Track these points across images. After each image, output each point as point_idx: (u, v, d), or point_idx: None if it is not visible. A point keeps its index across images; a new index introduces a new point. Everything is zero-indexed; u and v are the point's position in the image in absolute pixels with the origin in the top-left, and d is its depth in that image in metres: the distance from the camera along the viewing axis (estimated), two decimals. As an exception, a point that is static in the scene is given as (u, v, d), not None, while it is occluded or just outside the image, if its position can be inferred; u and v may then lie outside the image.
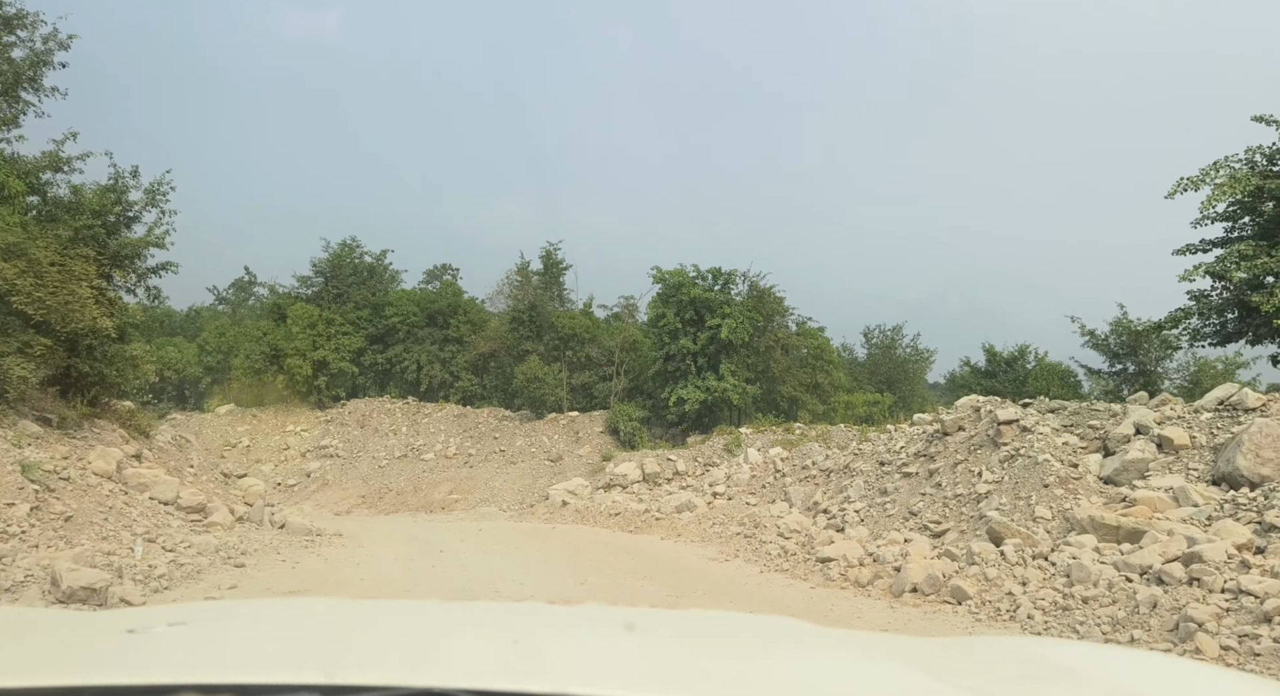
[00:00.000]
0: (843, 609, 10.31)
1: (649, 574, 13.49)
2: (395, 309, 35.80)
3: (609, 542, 18.29)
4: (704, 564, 14.76)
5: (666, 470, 29.71)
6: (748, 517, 17.95)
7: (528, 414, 34.21)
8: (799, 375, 32.60)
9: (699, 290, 31.67)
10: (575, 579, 12.90)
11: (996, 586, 9.99)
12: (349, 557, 15.28)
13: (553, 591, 11.59)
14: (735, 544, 16.44)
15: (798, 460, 20.25)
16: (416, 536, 20.82)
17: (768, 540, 15.74)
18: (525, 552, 16.83)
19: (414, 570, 13.72)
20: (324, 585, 11.80)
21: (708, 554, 16.00)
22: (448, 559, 15.58)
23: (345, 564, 14.26)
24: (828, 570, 12.45)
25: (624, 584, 12.41)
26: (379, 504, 30.94)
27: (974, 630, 8.98)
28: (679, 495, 21.15)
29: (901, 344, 38.72)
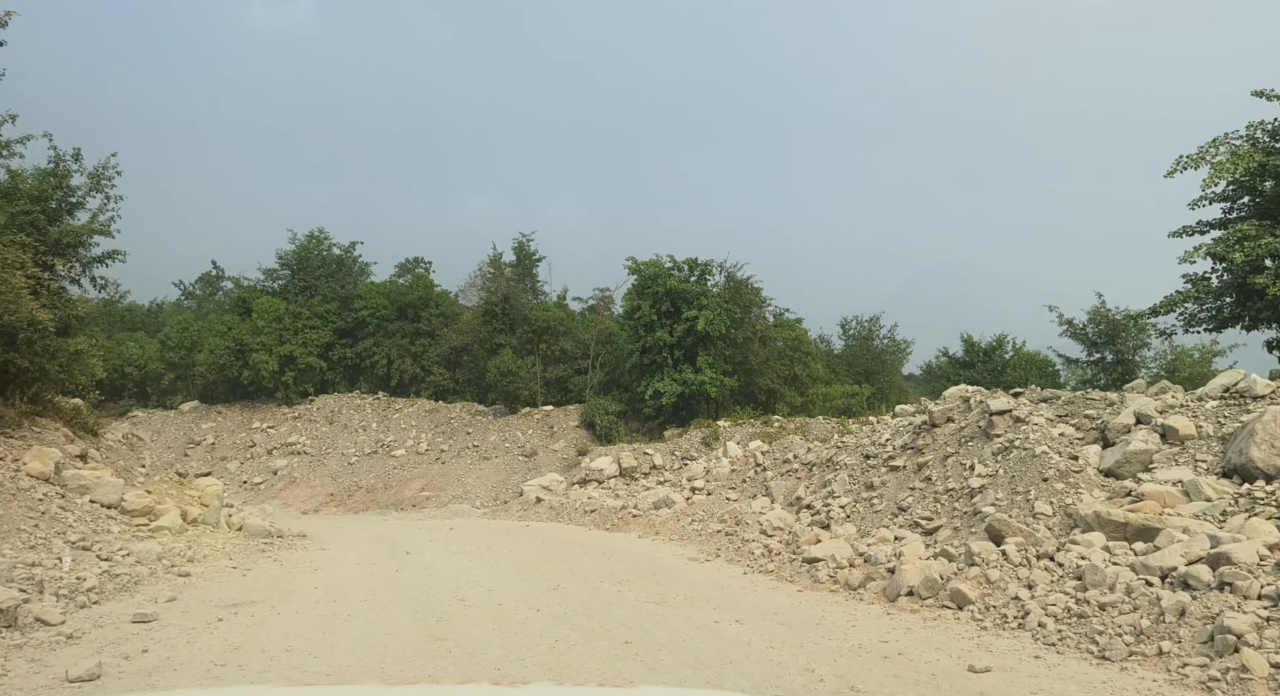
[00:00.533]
0: (835, 615, 9.44)
1: (627, 576, 12.57)
2: (364, 302, 34.58)
3: (584, 542, 17.35)
4: (684, 565, 13.86)
5: (643, 464, 28.81)
6: (728, 514, 17.08)
7: (501, 408, 33.17)
8: (777, 367, 31.79)
9: (675, 281, 30.75)
10: (548, 583, 11.95)
11: (1000, 589, 9.16)
12: (307, 562, 14.23)
13: (523, 599, 10.64)
14: (716, 542, 15.56)
15: (778, 454, 19.41)
16: (384, 536, 19.77)
17: (750, 538, 14.87)
18: (497, 553, 15.85)
19: (375, 576, 12.71)
20: (274, 596, 10.77)
21: (687, 553, 15.10)
22: (414, 562, 14.58)
23: (302, 569, 13.22)
24: (815, 571, 11.58)
25: (600, 589, 11.48)
26: (348, 502, 29.80)
27: (980, 640, 8.14)
28: (656, 491, 20.24)
29: (879, 335, 38.05)
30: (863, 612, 9.55)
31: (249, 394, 34.64)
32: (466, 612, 9.78)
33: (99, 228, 16.99)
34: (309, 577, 12.41)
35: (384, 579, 12.48)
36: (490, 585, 11.80)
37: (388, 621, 9.26)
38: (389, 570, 13.45)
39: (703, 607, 10.01)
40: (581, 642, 8.14)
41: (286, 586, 11.50)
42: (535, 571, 13.20)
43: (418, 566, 13.98)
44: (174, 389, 35.51)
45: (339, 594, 11.03)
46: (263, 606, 10.02)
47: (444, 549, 16.85)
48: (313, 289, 35.81)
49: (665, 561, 14.27)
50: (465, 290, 35.22)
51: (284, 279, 35.80)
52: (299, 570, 13.14)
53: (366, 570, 13.42)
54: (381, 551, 16.47)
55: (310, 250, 35.91)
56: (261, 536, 16.90)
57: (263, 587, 11.35)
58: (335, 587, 11.54)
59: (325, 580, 12.20)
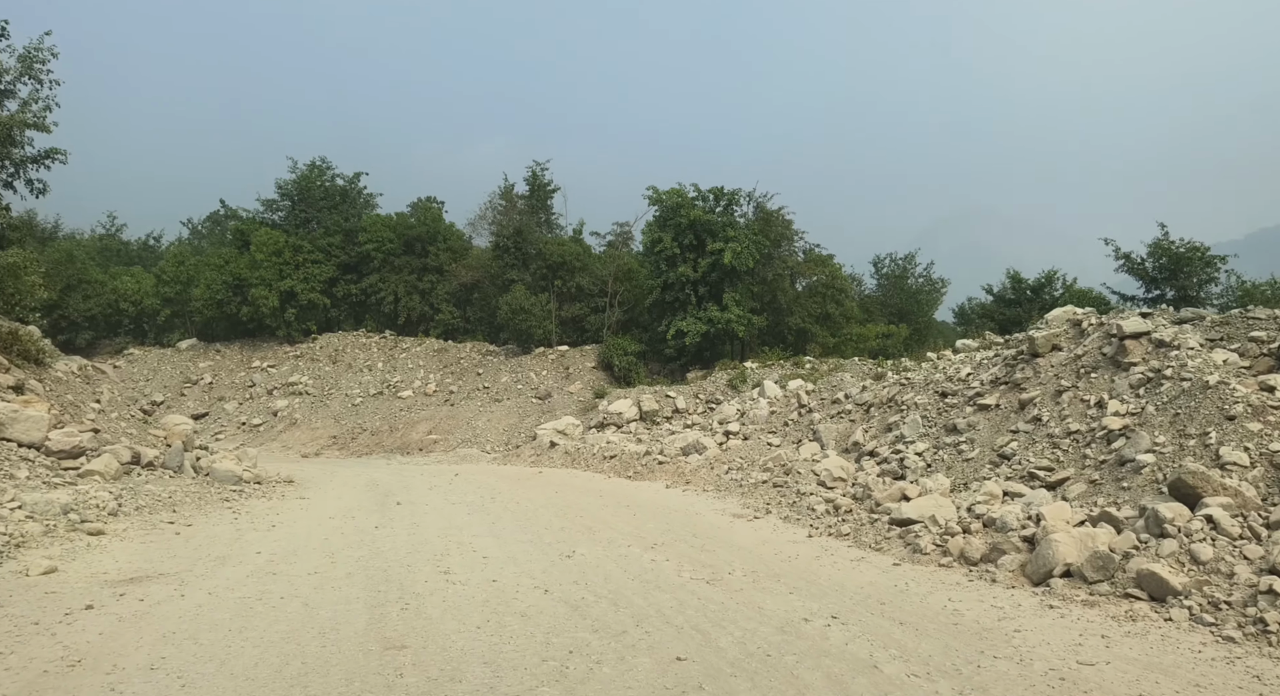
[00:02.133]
0: (971, 608, 6.32)
1: (660, 539, 9.52)
2: (369, 235, 31.32)
3: (604, 491, 14.33)
4: (729, 523, 10.80)
5: (665, 408, 25.79)
6: (772, 462, 13.98)
7: (514, 348, 30.09)
8: (808, 305, 28.49)
9: (699, 212, 27.34)
10: (560, 547, 8.92)
11: (1221, 575, 6.01)
12: (270, 516, 11.26)
13: (526, 573, 7.61)
14: (763, 495, 12.49)
15: (826, 393, 16.26)
16: (379, 483, 16.86)
17: (806, 491, 11.78)
18: (501, 505, 12.87)
19: (346, 536, 9.71)
20: (197, 565, 7.77)
21: (729, 507, 12.04)
22: (401, 516, 11.60)
23: (258, 526, 10.23)
24: (913, 538, 8.47)
25: (628, 557, 8.43)
26: (351, 445, 26.94)
27: (1234, 659, 5.01)
28: (685, 435, 17.16)
29: (913, 274, 34.58)
30: (1008, 603, 6.43)
31: (249, 331, 31.67)
32: (446, 595, 6.75)
33: (31, 120, 13.76)
34: (259, 537, 9.41)
35: (355, 539, 9.48)
36: (486, 550, 8.78)
37: (330, 611, 6.24)
38: (367, 526, 10.47)
39: (774, 590, 6.93)
40: (610, 658, 5.08)
41: (222, 551, 8.50)
42: (545, 529, 10.19)
43: (404, 521, 10.98)
44: (171, 325, 32.56)
45: (285, 562, 8.02)
46: (170, 583, 7.02)
47: (442, 498, 13.89)
48: (315, 221, 32.56)
49: (705, 518, 11.21)
50: (475, 223, 31.94)
51: (284, 210, 32.54)
52: (254, 527, 10.16)
53: (339, 526, 10.44)
54: (369, 501, 13.52)
55: (312, 180, 32.57)
56: (230, 483, 13.96)
57: (189, 552, 8.36)
58: (286, 552, 8.54)
59: (278, 541, 9.20)
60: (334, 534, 9.85)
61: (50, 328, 30.70)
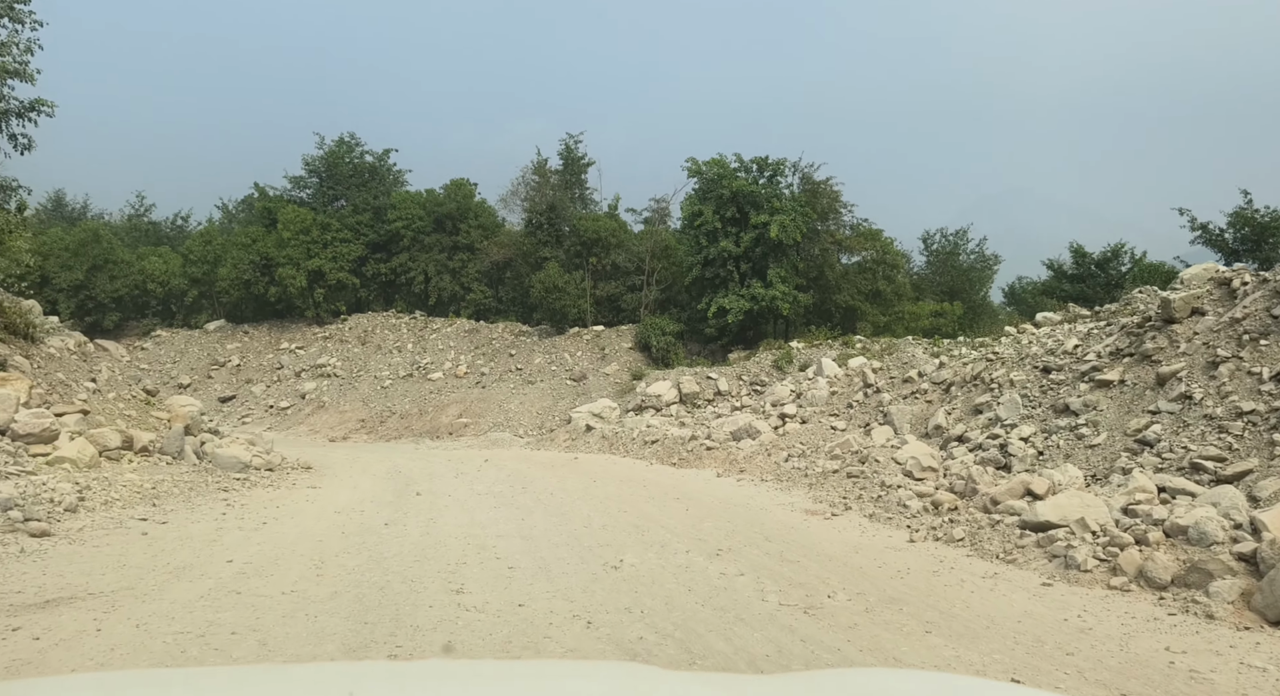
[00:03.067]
0: (1229, 675, 4.25)
1: (726, 542, 7.56)
2: (399, 213, 29.57)
3: (649, 481, 12.40)
4: (802, 521, 8.80)
5: (706, 390, 23.79)
6: (840, 448, 11.93)
7: (547, 328, 28.23)
8: (857, 282, 26.27)
9: (742, 183, 25.19)
10: (603, 554, 7.00)
11: None
12: (267, 509, 9.47)
13: (562, 593, 5.69)
14: (835, 487, 10.46)
15: (896, 371, 14.15)
16: (401, 469, 15.09)
17: (891, 483, 9.73)
18: (533, 496, 11.00)
19: (345, 536, 7.88)
20: (144, 579, 5.95)
21: (797, 501, 10.04)
22: (418, 509, 9.77)
23: (246, 524, 8.43)
24: (1056, 547, 6.41)
25: (691, 569, 6.48)
26: (380, 429, 25.30)
27: None
28: (734, 418, 15.15)
29: (965, 250, 32.14)
30: (1264, 658, 4.36)
31: (277, 312, 30.15)
32: (454, 629, 4.84)
33: (12, 67, 12.04)
34: (241, 539, 7.59)
35: (356, 541, 7.64)
36: (513, 556, 6.88)
37: (293, 652, 4.35)
38: (375, 524, 8.63)
39: (902, 627, 4.94)
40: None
41: (186, 558, 6.68)
42: (584, 528, 8.28)
43: (419, 517, 9.14)
44: (199, 307, 31.14)
45: (259, 575, 6.18)
46: (94, 608, 5.18)
47: (468, 488, 12.06)
48: (343, 199, 30.89)
49: (772, 515, 9.22)
50: (507, 200, 30.01)
51: (312, 187, 30.89)
52: (240, 524, 8.36)
53: (341, 524, 8.62)
54: (386, 491, 11.72)
55: (340, 156, 30.87)
56: (234, 470, 12.23)
57: (145, 560, 6.55)
58: (265, 560, 6.70)
59: (261, 544, 7.38)
60: (332, 534, 8.02)
61: (77, 308, 29.46)
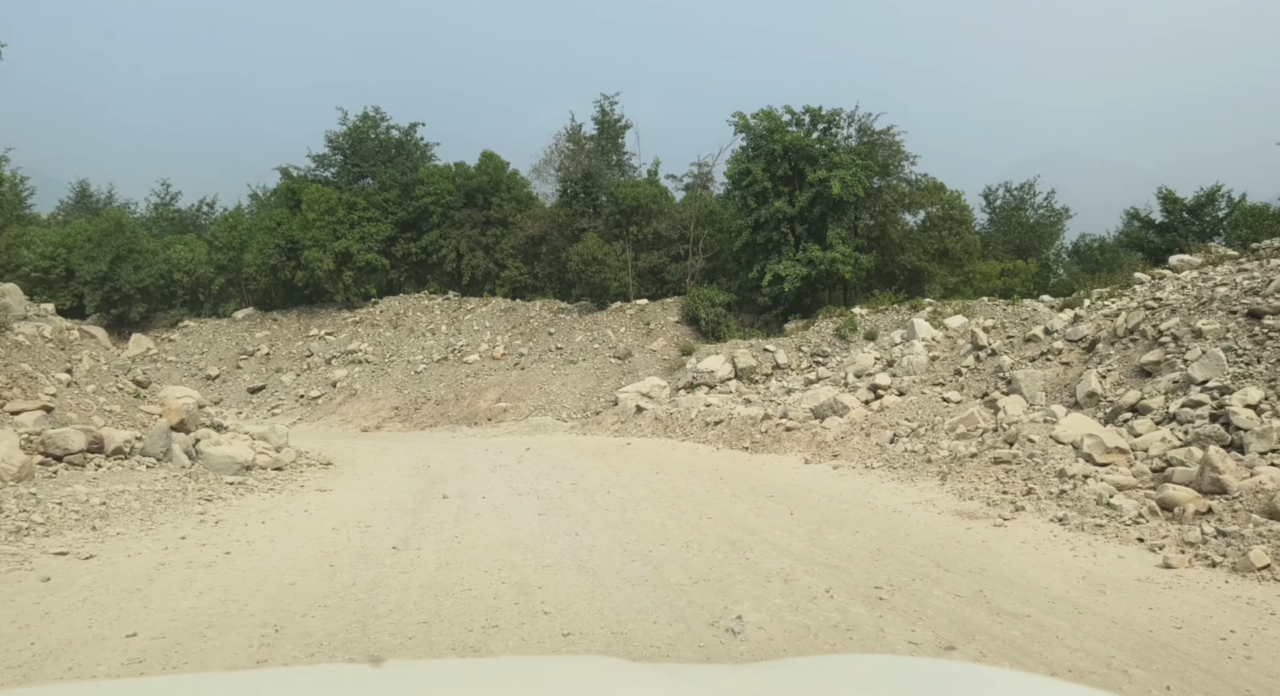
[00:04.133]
0: None
1: (879, 574, 5.11)
2: (427, 188, 27.31)
3: (724, 471, 9.95)
4: (964, 531, 6.31)
5: (764, 363, 21.25)
6: (964, 424, 9.36)
7: (588, 304, 25.83)
8: (922, 240, 23.45)
9: (795, 136, 22.46)
10: (704, 603, 4.58)
11: None
12: (251, 526, 7.21)
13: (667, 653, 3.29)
14: (980, 476, 7.93)
15: (1015, 329, 11.48)
16: (431, 463, 12.83)
17: (1071, 471, 7.14)
18: (587, 494, 8.63)
19: (331, 575, 5.58)
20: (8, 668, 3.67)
21: (934, 498, 7.53)
22: (440, 522, 7.46)
23: (204, 555, 6.17)
24: None
25: (859, 628, 4.02)
26: (414, 416, 23.17)
27: None
28: (814, 392, 12.60)
29: (1032, 205, 29.03)
30: None
31: (306, 298, 28.15)
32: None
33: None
34: (180, 583, 5.31)
35: (346, 583, 5.32)
36: (568, 609, 4.49)
37: None
38: (380, 548, 6.33)
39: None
40: None
41: (70, 628, 4.38)
42: (661, 546, 5.87)
43: (440, 536, 6.83)
44: (226, 295, 29.27)
45: (166, 658, 3.83)
46: None
47: (506, 486, 9.74)
48: (370, 177, 28.70)
49: (913, 519, 6.73)
50: (540, 169, 27.58)
51: (336, 165, 28.73)
52: (195, 556, 6.10)
53: (337, 549, 6.33)
54: (407, 494, 9.45)
55: (364, 132, 28.66)
56: (229, 472, 10.05)
57: (5, 633, 4.24)
58: (190, 628, 4.40)
59: (204, 594, 5.09)
60: (315, 570, 5.71)
61: (103, 301, 27.73)
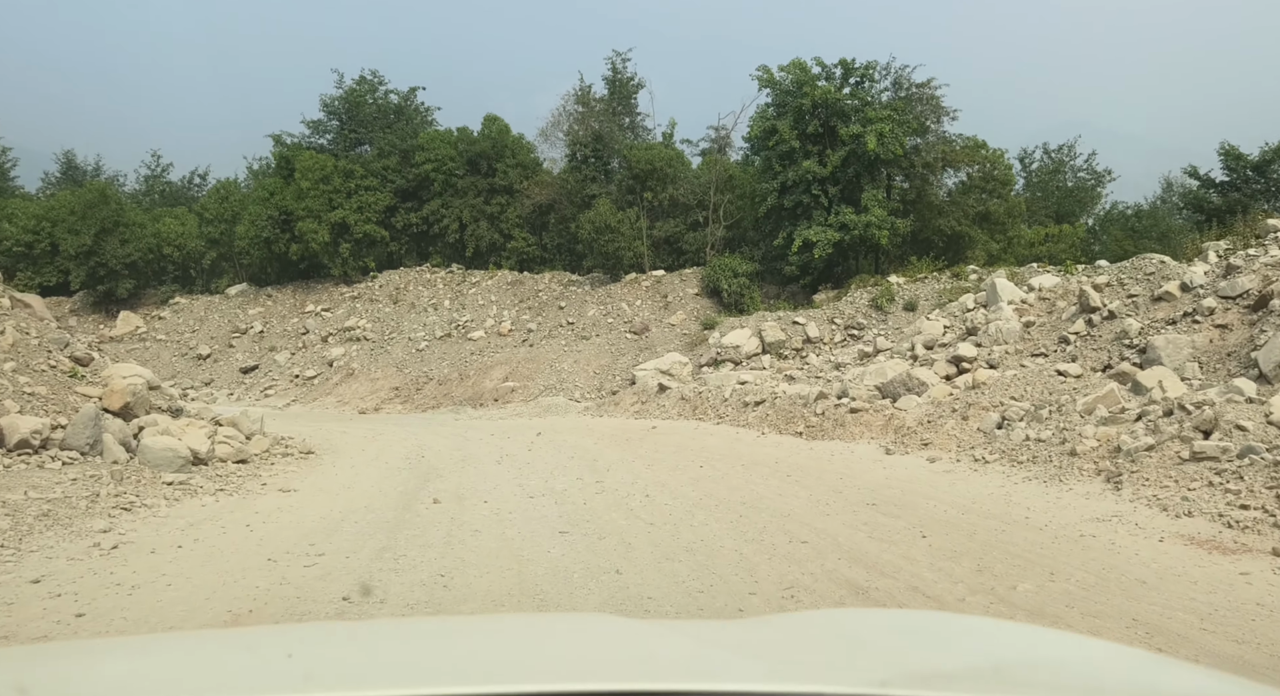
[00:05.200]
0: None
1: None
2: (428, 154, 25.04)
3: (787, 465, 7.81)
4: (1216, 571, 4.14)
5: (794, 337, 19.10)
6: (1103, 404, 7.18)
7: (600, 276, 23.64)
8: (964, 203, 21.13)
9: (825, 90, 20.10)
10: None
11: None
12: (148, 558, 5.10)
13: None
14: (1182, 478, 5.76)
15: (1137, 286, 9.21)
16: (427, 452, 10.74)
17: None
18: (618, 498, 6.51)
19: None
20: None
21: (1131, 515, 5.41)
22: (424, 544, 5.36)
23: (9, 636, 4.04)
24: None
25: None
26: (415, 397, 21.10)
27: None
28: (882, 367, 10.39)
29: (1073, 167, 26.63)
30: None
31: (302, 273, 26.03)
32: None
33: None
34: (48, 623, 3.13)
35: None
36: None
37: None
38: (324, 597, 4.20)
39: None
40: None
41: None
42: (749, 596, 3.71)
43: (419, 573, 4.76)
44: (219, 270, 27.15)
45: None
46: None
47: (514, 484, 7.63)
48: (367, 144, 26.42)
49: (1127, 553, 4.66)
50: (547, 132, 25.25)
51: (332, 131, 26.46)
52: (20, 616, 3.93)
53: (262, 591, 4.20)
54: (390, 495, 7.37)
55: (361, 96, 26.33)
56: (171, 468, 7.99)
57: None
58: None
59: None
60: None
61: (88, 276, 25.63)
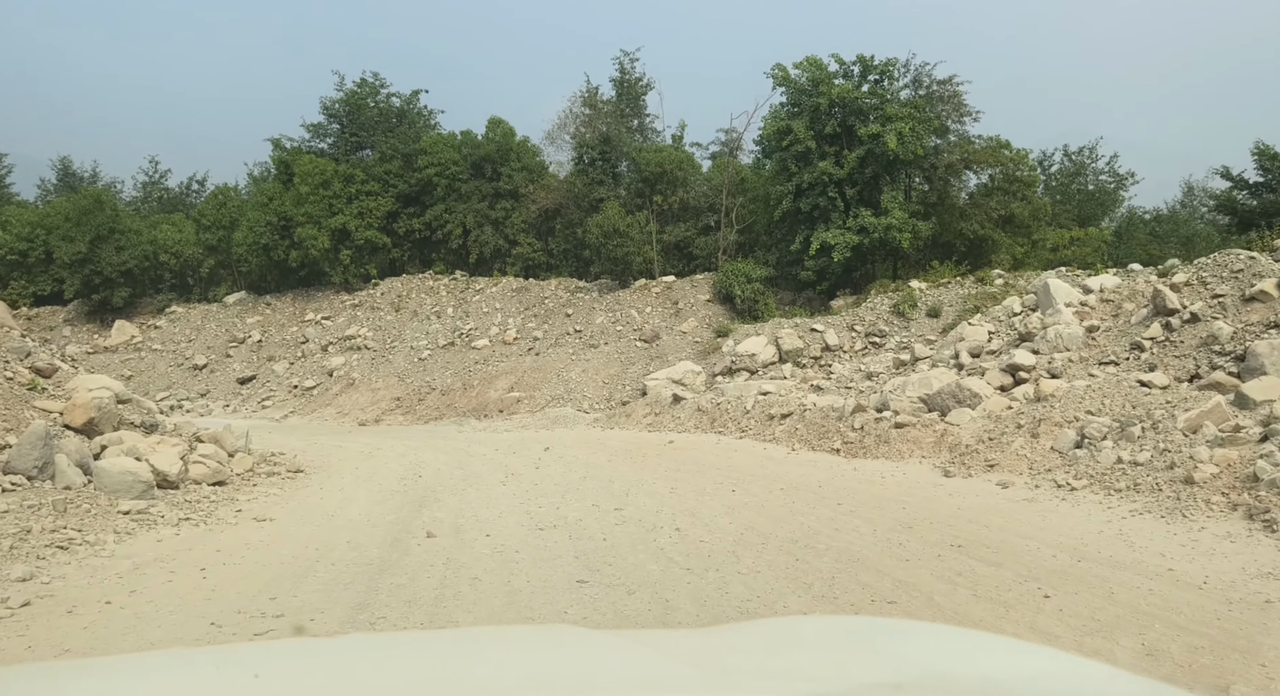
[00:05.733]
0: None
1: None
2: (430, 158, 24.13)
3: (833, 489, 6.79)
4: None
5: (812, 345, 18.10)
6: (1214, 420, 6.14)
7: (608, 283, 22.66)
8: (987, 206, 20.11)
9: (843, 88, 19.13)
10: None
11: None
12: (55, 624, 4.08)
13: None
14: None
15: (1223, 286, 8.16)
16: (424, 470, 9.72)
17: None
18: (643, 532, 5.47)
19: None
20: None
21: (1242, 548, 4.35)
22: (410, 597, 4.30)
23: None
24: None
25: None
26: (418, 408, 20.09)
27: None
28: (927, 377, 9.34)
29: (1095, 169, 25.63)
30: None
31: (302, 280, 25.11)
32: None
33: None
34: None
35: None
36: None
37: None
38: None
39: None
40: None
41: None
42: None
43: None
44: (217, 278, 26.24)
45: None
46: None
47: (521, 511, 6.63)
48: (369, 147, 25.52)
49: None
50: (553, 135, 24.34)
51: (332, 135, 25.56)
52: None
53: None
54: (377, 527, 6.38)
55: (362, 98, 25.45)
56: (131, 494, 7.02)
57: None
58: None
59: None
60: None
61: (83, 285, 24.71)
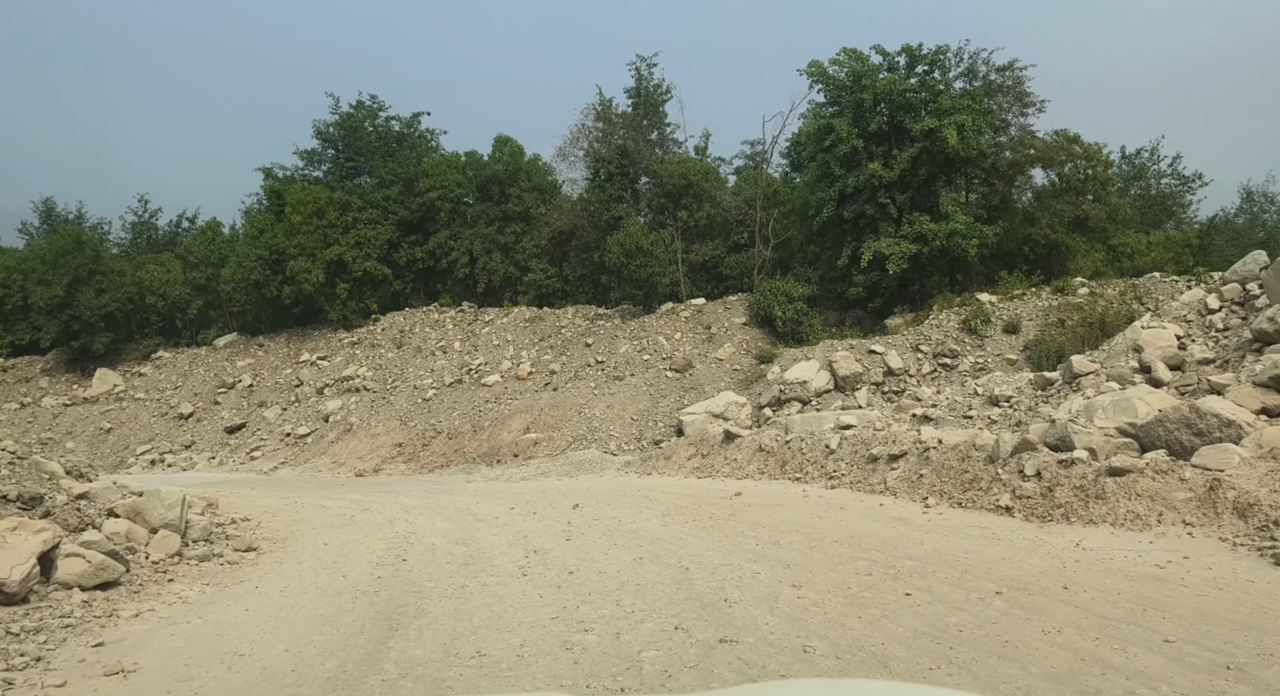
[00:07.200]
0: None
1: None
2: (433, 181, 21.69)
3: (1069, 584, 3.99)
4: None
5: (873, 369, 15.34)
6: None
7: (631, 308, 19.98)
8: (1055, 207, 17.39)
9: (891, 80, 16.58)
10: None
11: None
12: None
13: None
14: None
15: None
16: (411, 545, 6.87)
17: None
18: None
19: None
20: None
21: None
22: None
23: None
24: None
25: None
26: (421, 455, 17.33)
27: None
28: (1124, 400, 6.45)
29: (1160, 172, 22.94)
30: None
31: (298, 319, 22.59)
32: None
33: None
34: None
35: None
36: None
37: None
38: None
39: None
40: None
41: None
42: None
43: None
44: (207, 320, 23.75)
45: None
46: None
47: (550, 633, 3.74)
48: (366, 172, 23.13)
49: None
50: (565, 151, 21.88)
51: (327, 160, 23.19)
52: None
53: None
54: (305, 678, 3.46)
55: (359, 121, 23.14)
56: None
57: None
58: None
59: None
60: None
61: (60, 332, 22.22)
